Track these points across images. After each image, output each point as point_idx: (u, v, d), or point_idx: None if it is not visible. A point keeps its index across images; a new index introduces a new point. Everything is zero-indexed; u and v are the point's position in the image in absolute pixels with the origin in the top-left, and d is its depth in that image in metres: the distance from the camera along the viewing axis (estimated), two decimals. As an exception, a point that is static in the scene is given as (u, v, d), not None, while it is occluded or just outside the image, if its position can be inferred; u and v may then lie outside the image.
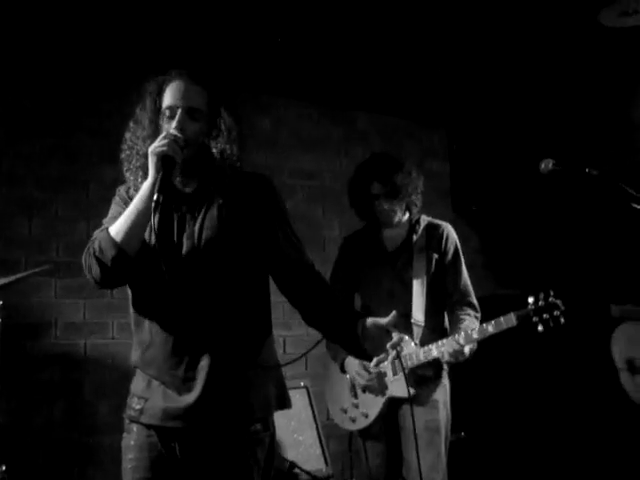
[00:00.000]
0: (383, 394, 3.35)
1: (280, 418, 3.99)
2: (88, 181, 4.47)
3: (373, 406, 3.38)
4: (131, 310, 2.28)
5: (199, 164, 2.23)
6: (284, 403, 2.35)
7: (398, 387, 3.29)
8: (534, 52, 4.43)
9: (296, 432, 4.23)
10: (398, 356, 2.39)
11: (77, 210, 4.42)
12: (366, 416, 3.39)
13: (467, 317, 3.34)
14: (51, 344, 4.29)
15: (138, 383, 2.26)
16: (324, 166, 5.39)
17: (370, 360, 3.07)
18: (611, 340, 4.22)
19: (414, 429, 2.78)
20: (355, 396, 3.46)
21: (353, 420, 3.45)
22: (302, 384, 4.43)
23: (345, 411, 3.50)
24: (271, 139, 5.14)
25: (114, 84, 4.58)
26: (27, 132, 4.40)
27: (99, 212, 2.37)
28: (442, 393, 3.36)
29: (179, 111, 2.20)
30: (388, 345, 2.21)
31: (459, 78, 4.92)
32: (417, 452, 2.89)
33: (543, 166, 2.82)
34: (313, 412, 4.35)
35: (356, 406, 3.44)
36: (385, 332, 2.23)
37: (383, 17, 4.03)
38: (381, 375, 3.35)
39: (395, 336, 2.23)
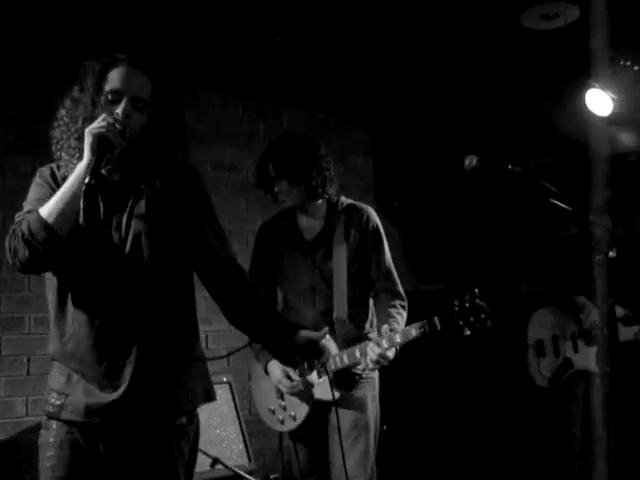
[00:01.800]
0: (309, 397, 3.25)
1: (203, 413, 3.95)
2: (3, 170, 4.31)
3: (300, 408, 3.29)
4: (52, 299, 2.18)
5: (131, 153, 2.17)
6: (209, 396, 2.34)
7: (323, 390, 3.18)
8: (458, 51, 4.50)
9: (219, 428, 4.18)
10: (325, 369, 2.40)
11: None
12: (294, 418, 3.30)
13: (393, 310, 3.23)
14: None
15: (57, 378, 2.18)
16: (248, 159, 5.35)
17: (295, 367, 2.99)
18: (528, 323, 4.39)
19: (339, 430, 2.76)
20: (282, 398, 3.34)
21: (282, 422, 3.35)
22: (225, 379, 4.39)
23: (273, 412, 3.40)
24: (194, 131, 5.06)
25: (30, 71, 4.42)
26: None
27: (14, 201, 2.29)
28: (370, 389, 3.30)
29: (125, 98, 2.14)
30: (316, 362, 2.26)
31: (383, 75, 4.96)
32: (342, 452, 2.89)
33: (467, 162, 2.86)
34: (236, 408, 4.32)
35: (284, 408, 3.34)
36: (316, 345, 2.29)
37: (308, 12, 4.02)
38: (306, 378, 3.24)
39: (325, 352, 2.30)
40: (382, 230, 3.38)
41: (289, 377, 3.21)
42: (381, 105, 5.55)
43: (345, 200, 3.42)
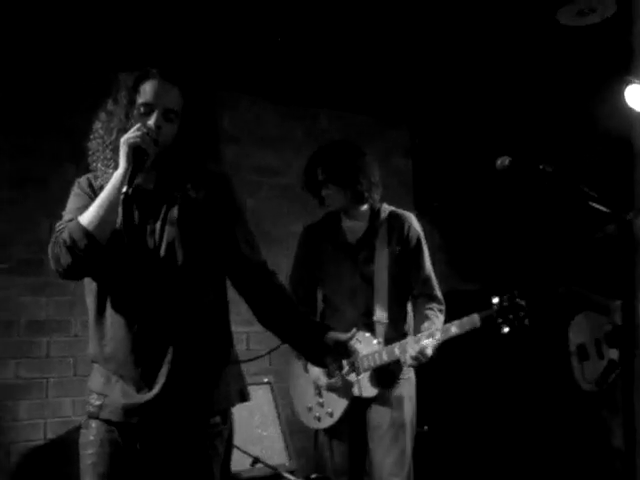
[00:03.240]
0: (347, 394, 3.32)
1: (243, 413, 4.09)
2: (50, 179, 4.44)
3: (338, 405, 3.35)
4: (91, 304, 2.26)
5: (164, 162, 2.25)
6: (243, 396, 2.39)
7: (362, 387, 3.27)
8: (496, 50, 4.48)
9: (259, 427, 4.26)
10: (354, 369, 2.44)
11: (40, 208, 4.38)
12: (331, 415, 3.36)
13: (431, 312, 3.31)
14: (13, 342, 4.28)
15: (96, 379, 2.27)
16: (287, 163, 5.40)
17: (324, 367, 2.98)
18: (568, 328, 4.34)
19: (378, 428, 2.81)
20: (320, 395, 3.42)
21: (318, 419, 3.42)
22: (265, 380, 4.47)
23: (310, 409, 3.47)
24: (231, 136, 5.13)
25: (76, 83, 4.57)
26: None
27: (61, 210, 2.34)
28: (407, 388, 3.36)
29: (156, 110, 2.22)
30: (345, 362, 2.31)
31: (421, 76, 4.96)
32: (381, 450, 2.94)
33: (499, 163, 2.85)
34: (276, 407, 4.39)
35: (321, 405, 3.41)
36: (344, 346, 2.34)
37: (345, 15, 4.05)
38: (344, 375, 3.31)
39: (353, 353, 2.35)
40: (423, 237, 3.47)
41: (329, 374, 3.28)
42: (420, 106, 5.54)
43: (387, 207, 3.51)
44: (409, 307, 3.47)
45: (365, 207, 3.46)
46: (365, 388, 3.24)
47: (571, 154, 4.66)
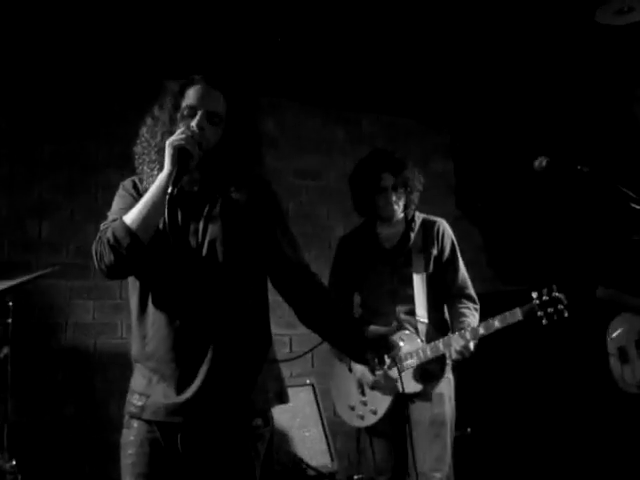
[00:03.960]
0: (391, 391, 3.37)
1: (286, 414, 4.13)
2: (97, 185, 4.57)
3: (381, 403, 3.41)
4: (134, 303, 2.29)
5: (207, 165, 2.27)
6: (282, 398, 2.40)
7: (406, 383, 3.23)
8: (533, 51, 4.47)
9: (302, 428, 4.27)
10: (395, 363, 2.47)
11: (86, 213, 4.52)
12: (374, 413, 3.42)
13: (467, 311, 3.41)
14: (62, 344, 4.41)
15: (138, 380, 2.29)
16: (329, 167, 5.45)
17: (366, 363, 3.09)
18: (608, 328, 4.30)
19: (420, 424, 2.81)
20: (363, 393, 3.47)
21: (361, 417, 3.48)
22: (308, 381, 4.48)
23: (353, 408, 3.51)
24: (275, 140, 5.20)
25: (121, 92, 4.70)
26: (38, 138, 4.52)
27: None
28: (447, 387, 3.42)
29: (199, 112, 2.26)
30: (387, 357, 2.33)
31: (461, 78, 4.97)
32: (423, 445, 3.02)
33: (537, 164, 2.84)
34: (319, 409, 4.40)
35: (364, 403, 3.46)
36: (385, 340, 2.36)
37: (387, 18, 4.08)
38: (388, 373, 3.37)
39: (395, 347, 2.37)
40: (456, 242, 3.56)
41: (371, 369, 3.32)
42: (460, 108, 5.54)
43: (420, 214, 3.60)
44: (445, 309, 3.54)
45: (402, 215, 3.55)
46: (409, 384, 3.28)
47: (612, 154, 4.62)
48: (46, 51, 4.35)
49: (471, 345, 3.23)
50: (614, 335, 4.27)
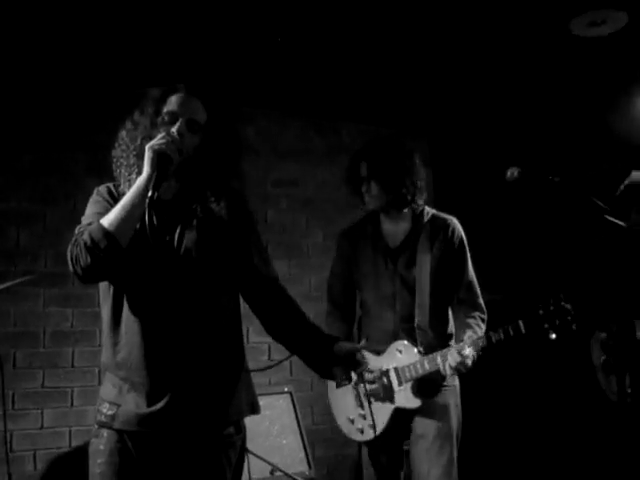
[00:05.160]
0: (390, 405, 3.22)
1: (264, 422, 4.14)
2: (74, 194, 4.56)
3: (381, 417, 3.23)
4: (106, 310, 2.27)
5: (184, 173, 2.28)
6: (255, 408, 2.41)
7: (405, 398, 3.20)
8: (508, 62, 4.52)
9: (280, 436, 4.30)
10: (362, 380, 2.44)
11: (64, 222, 4.50)
12: (373, 427, 3.20)
13: (472, 321, 3.24)
14: (39, 352, 4.40)
15: (108, 389, 2.27)
16: (308, 176, 5.48)
17: (332, 378, 2.76)
18: (590, 341, 4.32)
19: (424, 438, 2.80)
20: (361, 406, 3.29)
21: (361, 431, 3.29)
22: (286, 389, 4.51)
23: (352, 421, 3.34)
24: (254, 149, 5.22)
25: (100, 101, 4.70)
26: (16, 147, 4.51)
27: None
28: (452, 396, 3.27)
29: (180, 120, 2.28)
30: (353, 374, 2.33)
31: (438, 88, 5.01)
32: (428, 460, 2.96)
33: (509, 174, 2.87)
34: (297, 416, 4.42)
35: (363, 417, 3.28)
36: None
37: (366, 29, 4.11)
38: (387, 386, 3.24)
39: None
40: (466, 242, 3.37)
41: (337, 385, 3.28)
42: (438, 118, 5.59)
43: (430, 210, 3.40)
44: (450, 314, 3.37)
45: (407, 209, 3.34)
46: (408, 399, 3.18)
47: (585, 164, 4.67)
48: (26, 61, 4.35)
49: (469, 361, 3.05)
50: (597, 348, 4.29)
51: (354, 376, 2.37)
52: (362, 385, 2.39)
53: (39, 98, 4.59)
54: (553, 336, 2.90)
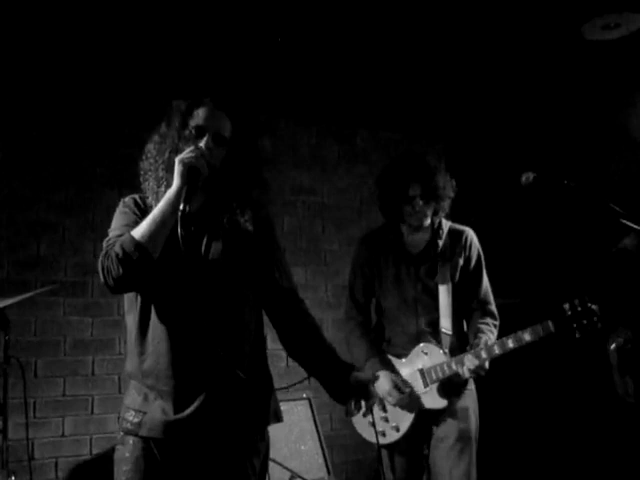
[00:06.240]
0: (413, 408, 3.28)
1: (283, 429, 4.16)
2: (94, 205, 4.62)
3: (404, 419, 3.30)
4: (132, 320, 2.30)
5: (210, 186, 2.31)
6: (278, 416, 2.43)
7: (432, 398, 3.26)
8: (521, 67, 4.53)
9: (298, 442, 4.31)
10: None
11: (83, 232, 4.57)
12: (397, 429, 3.30)
13: (485, 327, 3.32)
14: (60, 360, 4.45)
15: (133, 397, 2.29)
16: (324, 182, 5.51)
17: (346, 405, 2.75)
18: (608, 340, 4.30)
19: (445, 440, 2.86)
20: (384, 409, 3.33)
21: (383, 434, 3.32)
22: (304, 395, 4.52)
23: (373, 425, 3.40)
24: (271, 158, 5.25)
25: (121, 113, 4.76)
26: (36, 159, 4.57)
27: (104, 234, 2.40)
28: (471, 400, 3.34)
29: (207, 134, 2.30)
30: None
31: (453, 94, 5.03)
32: (449, 462, 3.01)
33: (524, 179, 2.87)
34: (315, 422, 4.44)
35: (385, 420, 3.33)
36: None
37: (380, 36, 4.13)
38: (411, 392, 3.29)
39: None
40: (482, 252, 3.48)
41: (399, 389, 3.25)
42: (454, 123, 5.60)
43: (446, 222, 3.50)
44: (464, 321, 3.47)
45: (429, 221, 3.43)
46: (435, 400, 3.24)
47: (601, 167, 4.67)
48: (47, 71, 4.41)
49: (487, 365, 3.15)
50: (613, 347, 4.28)
51: (363, 406, 2.41)
52: (371, 415, 2.44)
53: (59, 110, 4.65)
54: (578, 335, 3.00)
